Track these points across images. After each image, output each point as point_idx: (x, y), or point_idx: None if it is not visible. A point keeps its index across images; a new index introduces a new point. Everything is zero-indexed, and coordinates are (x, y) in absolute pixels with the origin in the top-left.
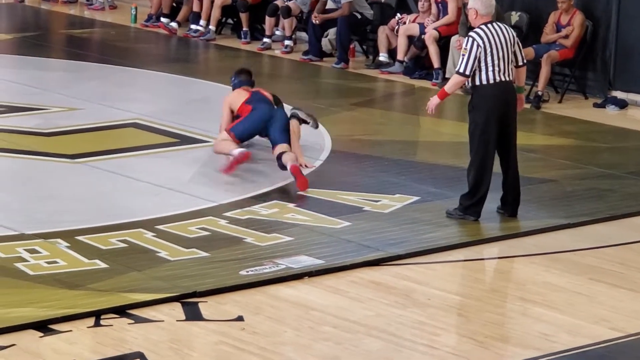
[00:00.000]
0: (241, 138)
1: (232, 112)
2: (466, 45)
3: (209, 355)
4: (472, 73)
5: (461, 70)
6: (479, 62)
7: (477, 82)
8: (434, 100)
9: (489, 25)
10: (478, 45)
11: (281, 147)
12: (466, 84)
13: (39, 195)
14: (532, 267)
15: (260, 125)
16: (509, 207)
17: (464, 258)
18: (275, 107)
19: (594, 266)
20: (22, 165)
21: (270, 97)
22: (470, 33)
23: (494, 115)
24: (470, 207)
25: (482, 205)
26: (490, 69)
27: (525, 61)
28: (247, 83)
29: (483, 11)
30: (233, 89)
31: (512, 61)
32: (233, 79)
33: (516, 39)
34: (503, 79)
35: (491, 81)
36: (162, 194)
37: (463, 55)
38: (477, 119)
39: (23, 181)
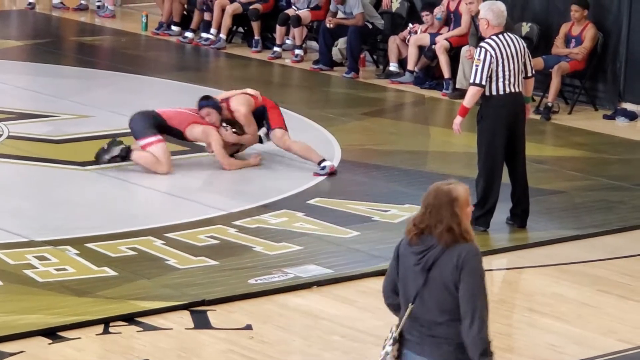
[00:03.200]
0: None
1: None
2: (479, 56)
3: None
4: (488, 81)
5: (477, 81)
6: (490, 72)
7: (488, 93)
8: (457, 120)
9: (500, 36)
10: (491, 56)
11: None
12: None
13: (49, 202)
14: (541, 278)
15: None
16: (518, 218)
17: None
18: None
19: (602, 278)
20: (32, 172)
21: None
22: (482, 44)
23: (503, 126)
24: (480, 217)
25: (491, 216)
26: (500, 80)
27: (534, 72)
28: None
29: (494, 22)
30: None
31: (522, 72)
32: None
33: (526, 50)
34: (513, 90)
35: (501, 92)
36: (171, 202)
37: (476, 65)
38: (485, 129)
39: (33, 188)
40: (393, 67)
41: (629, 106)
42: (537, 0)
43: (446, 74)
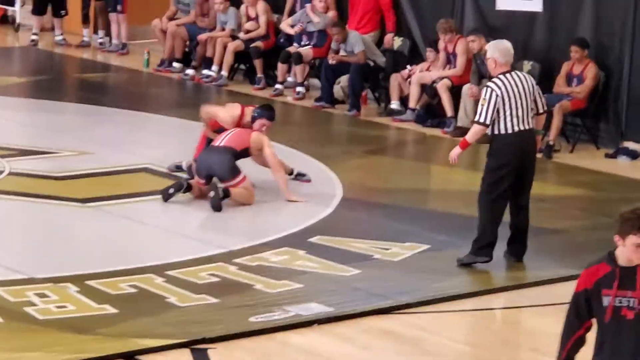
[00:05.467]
0: None
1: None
2: (485, 95)
3: None
4: (492, 122)
5: (481, 120)
6: (498, 111)
7: (496, 131)
8: (456, 150)
9: (507, 75)
10: (497, 95)
11: None
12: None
13: (50, 239)
14: (543, 317)
15: None
16: (515, 250)
17: (474, 307)
18: None
19: None
20: (33, 208)
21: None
22: (489, 83)
23: (510, 163)
24: (482, 249)
25: (492, 248)
26: (508, 118)
27: (545, 108)
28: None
29: (502, 60)
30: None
31: (532, 109)
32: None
33: (536, 87)
34: (522, 127)
35: (509, 130)
36: (172, 239)
37: (482, 105)
38: (492, 165)
39: (33, 225)
40: (395, 104)
41: (631, 145)
42: (539, 39)
43: (448, 112)
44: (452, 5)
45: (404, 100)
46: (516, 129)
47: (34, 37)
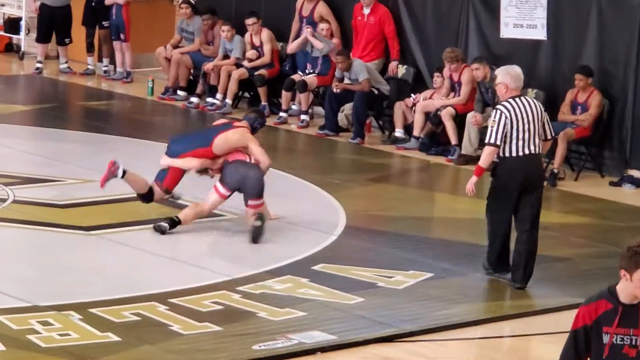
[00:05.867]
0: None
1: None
2: (494, 117)
3: None
4: (502, 143)
5: (492, 141)
6: (506, 134)
7: (502, 154)
8: (473, 180)
9: (517, 99)
10: (506, 117)
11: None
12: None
13: (53, 267)
14: (548, 346)
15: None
16: (517, 276)
17: (479, 336)
18: None
19: None
20: (36, 236)
21: None
22: (498, 106)
23: (514, 186)
24: (497, 265)
25: (506, 262)
26: (514, 141)
27: (553, 135)
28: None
29: (513, 85)
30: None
31: (540, 135)
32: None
33: (544, 113)
34: (528, 151)
35: (514, 154)
36: (175, 267)
37: (492, 127)
38: (497, 186)
39: (37, 253)
40: (399, 132)
41: (635, 173)
42: (543, 67)
43: (452, 140)
44: (457, 33)
45: (408, 128)
46: (522, 152)
47: (38, 65)
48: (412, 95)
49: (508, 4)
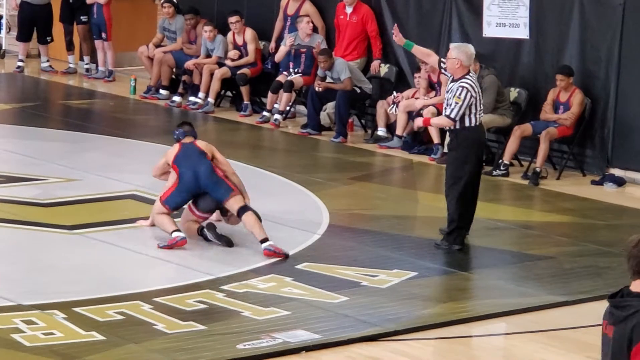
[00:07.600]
0: (175, 209)
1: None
2: (460, 94)
3: None
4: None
5: (452, 116)
6: (469, 108)
7: (466, 124)
8: (420, 121)
9: (471, 75)
10: (471, 96)
11: (234, 203)
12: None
13: (37, 266)
14: (531, 344)
15: (189, 195)
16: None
17: (462, 334)
18: (202, 156)
19: (592, 344)
20: (19, 235)
21: (201, 147)
22: (463, 84)
23: (473, 154)
24: (456, 238)
25: (464, 235)
26: (474, 113)
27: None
28: (189, 134)
29: (466, 62)
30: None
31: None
32: (175, 132)
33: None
34: (481, 120)
35: (473, 124)
36: (159, 266)
37: (457, 103)
38: (458, 157)
39: (21, 252)
40: (381, 131)
41: (616, 172)
42: (525, 66)
43: (435, 139)
44: (439, 32)
45: (390, 127)
46: (478, 122)
47: (19, 63)
48: (394, 93)
49: (491, 3)
